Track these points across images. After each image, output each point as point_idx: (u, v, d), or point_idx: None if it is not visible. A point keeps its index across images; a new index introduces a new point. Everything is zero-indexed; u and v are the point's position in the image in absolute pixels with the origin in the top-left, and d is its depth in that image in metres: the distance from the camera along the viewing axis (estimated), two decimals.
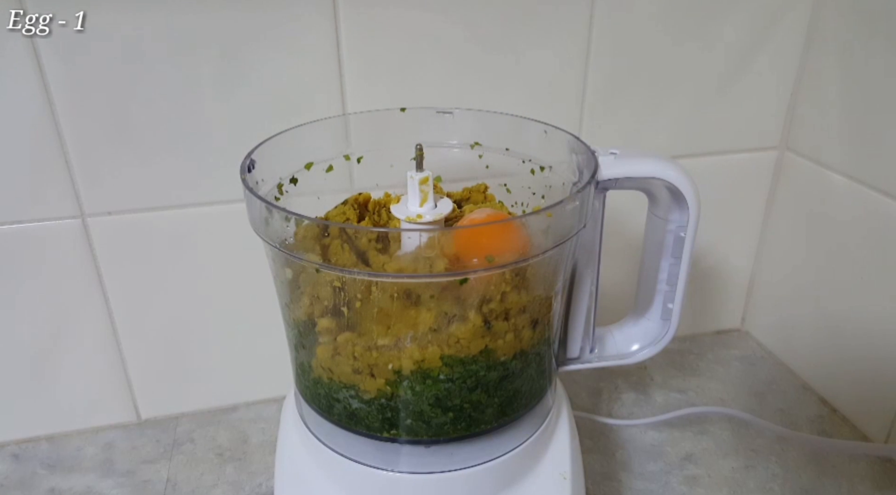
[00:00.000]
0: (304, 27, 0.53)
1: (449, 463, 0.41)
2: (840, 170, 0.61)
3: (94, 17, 0.49)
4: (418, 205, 0.42)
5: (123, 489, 0.58)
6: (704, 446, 0.61)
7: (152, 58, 0.52)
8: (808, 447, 0.61)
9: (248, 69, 0.54)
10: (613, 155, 0.42)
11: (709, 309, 0.76)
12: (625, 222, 0.63)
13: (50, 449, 0.62)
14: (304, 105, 0.56)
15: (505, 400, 0.41)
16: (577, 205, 0.39)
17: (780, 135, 0.67)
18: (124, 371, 0.62)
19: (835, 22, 0.60)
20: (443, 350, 0.38)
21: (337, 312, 0.39)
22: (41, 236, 0.55)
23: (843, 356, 0.64)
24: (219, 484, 0.58)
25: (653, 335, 0.50)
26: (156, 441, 0.63)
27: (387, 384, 0.39)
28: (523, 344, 0.41)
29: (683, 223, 0.45)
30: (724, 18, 0.60)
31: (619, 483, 0.57)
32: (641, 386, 0.69)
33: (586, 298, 0.47)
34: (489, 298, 0.38)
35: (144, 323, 0.61)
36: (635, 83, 0.62)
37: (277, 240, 0.39)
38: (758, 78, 0.64)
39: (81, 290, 0.58)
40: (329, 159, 0.48)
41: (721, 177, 0.68)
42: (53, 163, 0.53)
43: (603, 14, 0.58)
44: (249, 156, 0.42)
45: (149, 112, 0.53)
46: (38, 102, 0.51)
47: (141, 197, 0.56)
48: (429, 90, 0.58)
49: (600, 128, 0.62)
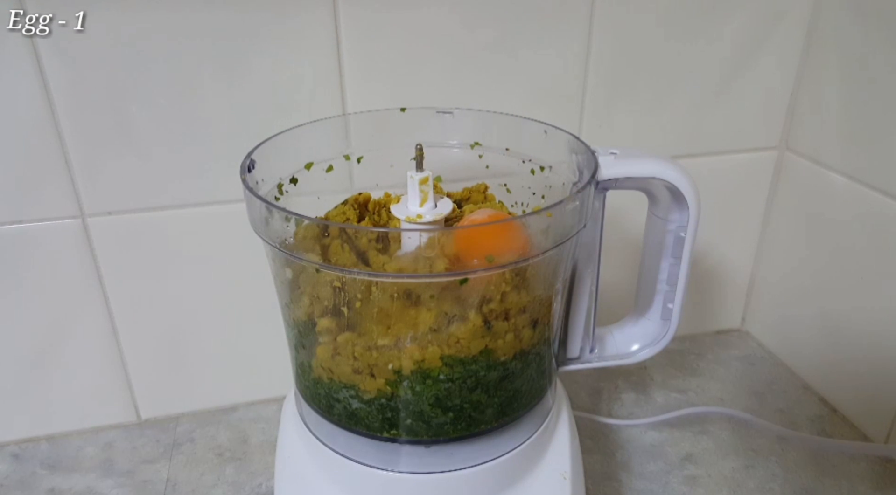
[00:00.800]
0: (304, 27, 0.53)
1: (449, 463, 0.41)
2: (840, 170, 0.61)
3: (94, 17, 0.50)
4: (418, 205, 0.42)
5: (123, 489, 0.58)
6: (704, 446, 0.61)
7: (152, 58, 0.52)
8: (808, 447, 0.61)
9: (247, 69, 0.54)
10: (613, 155, 0.42)
11: (709, 309, 0.76)
12: (625, 222, 0.63)
13: (50, 449, 0.62)
14: (304, 105, 0.56)
15: (505, 400, 0.41)
16: (577, 205, 0.39)
17: (780, 135, 0.67)
18: (124, 371, 0.62)
19: (835, 22, 0.60)
20: (443, 350, 0.38)
21: (337, 312, 0.39)
22: (41, 236, 0.55)
23: (843, 356, 0.64)
24: (219, 484, 0.58)
25: (653, 335, 0.50)
26: (156, 441, 0.63)
27: (387, 384, 0.39)
28: (523, 344, 0.41)
29: (683, 223, 0.45)
30: (725, 18, 0.61)
31: (619, 483, 0.57)
32: (641, 386, 0.69)
33: (586, 298, 0.47)
34: (489, 298, 0.38)
35: (144, 323, 0.61)
36: (635, 83, 0.62)
37: (277, 240, 0.39)
38: (758, 78, 0.64)
39: (81, 290, 0.58)
40: (329, 159, 0.48)
41: (721, 177, 0.68)
42: (53, 164, 0.53)
43: (603, 14, 0.58)
44: (249, 157, 0.42)
45: (149, 112, 0.53)
46: (38, 102, 0.51)
47: (141, 197, 0.56)
48: (429, 90, 0.58)
49: (600, 128, 0.62)
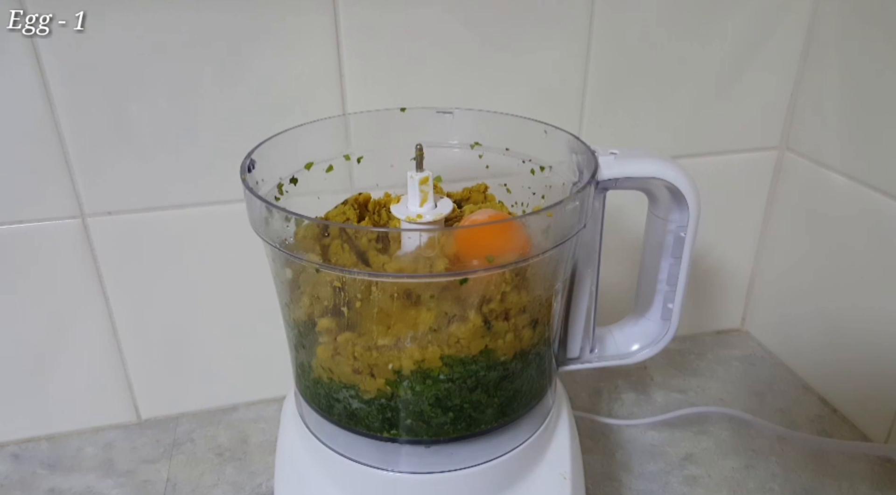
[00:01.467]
0: (304, 27, 0.53)
1: (449, 463, 0.41)
2: (840, 170, 0.61)
3: (94, 17, 0.49)
4: (418, 205, 0.42)
5: (123, 489, 0.58)
6: (704, 446, 0.61)
7: (152, 58, 0.52)
8: (808, 447, 0.61)
9: (248, 69, 0.54)
10: (613, 155, 0.42)
11: (709, 309, 0.76)
12: (625, 222, 0.63)
13: (50, 449, 0.62)
14: (305, 105, 0.56)
15: (505, 400, 0.41)
16: (577, 205, 0.39)
17: (779, 135, 0.67)
18: (124, 371, 0.62)
19: (835, 22, 0.60)
20: (443, 350, 0.38)
21: (337, 312, 0.39)
22: (41, 236, 0.55)
23: (843, 356, 0.64)
24: (219, 484, 0.58)
25: (653, 335, 0.50)
26: (156, 441, 0.63)
27: (387, 384, 0.39)
28: (523, 344, 0.41)
29: (683, 223, 0.45)
30: (725, 18, 0.61)
31: (619, 483, 0.57)
32: (641, 386, 0.69)
33: (586, 298, 0.47)
34: (489, 298, 0.38)
35: (144, 322, 0.61)
36: (635, 83, 0.62)
37: (277, 240, 0.39)
38: (758, 78, 0.64)
39: (81, 290, 0.58)
40: (329, 159, 0.48)
41: (721, 177, 0.68)
42: (53, 164, 0.53)
43: (603, 14, 0.58)
44: (249, 156, 0.42)
45: (149, 112, 0.53)
46: (39, 102, 0.51)
47: (141, 197, 0.56)
48: (429, 90, 0.58)
49: (600, 128, 0.62)
